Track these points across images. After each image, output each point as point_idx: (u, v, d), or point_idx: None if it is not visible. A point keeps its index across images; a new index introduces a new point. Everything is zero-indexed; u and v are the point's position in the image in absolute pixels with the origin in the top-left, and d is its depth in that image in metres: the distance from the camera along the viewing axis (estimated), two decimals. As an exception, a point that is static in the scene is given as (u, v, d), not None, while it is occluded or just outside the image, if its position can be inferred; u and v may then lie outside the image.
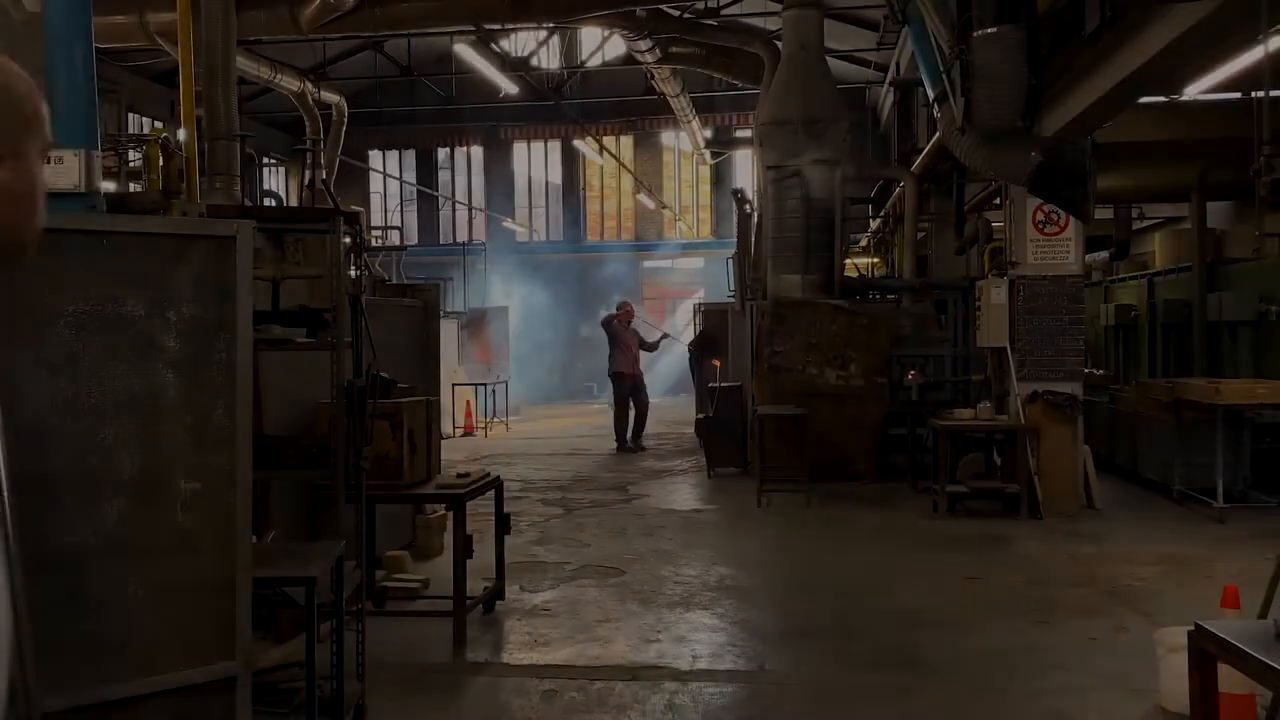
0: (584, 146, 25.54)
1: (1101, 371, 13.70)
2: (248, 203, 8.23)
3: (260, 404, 5.97)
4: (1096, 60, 6.98)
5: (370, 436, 4.66)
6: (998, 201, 14.15)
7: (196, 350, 2.94)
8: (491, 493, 6.59)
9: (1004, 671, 5.48)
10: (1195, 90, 9.63)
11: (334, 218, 4.23)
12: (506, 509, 6.80)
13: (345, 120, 20.05)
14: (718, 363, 13.52)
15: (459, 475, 6.40)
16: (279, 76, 17.11)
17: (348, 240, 5.20)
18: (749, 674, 5.55)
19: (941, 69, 7.07)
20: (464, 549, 5.85)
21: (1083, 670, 5.42)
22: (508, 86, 16.11)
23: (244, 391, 3.02)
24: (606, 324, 16.12)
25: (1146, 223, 18.23)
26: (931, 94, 7.83)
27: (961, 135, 7.37)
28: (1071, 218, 9.74)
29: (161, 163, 5.46)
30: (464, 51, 13.71)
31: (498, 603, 6.72)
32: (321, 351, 4.57)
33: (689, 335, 17.84)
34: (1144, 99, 10.30)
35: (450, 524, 6.61)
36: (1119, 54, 6.74)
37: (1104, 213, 10.58)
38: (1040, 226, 9.81)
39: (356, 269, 4.56)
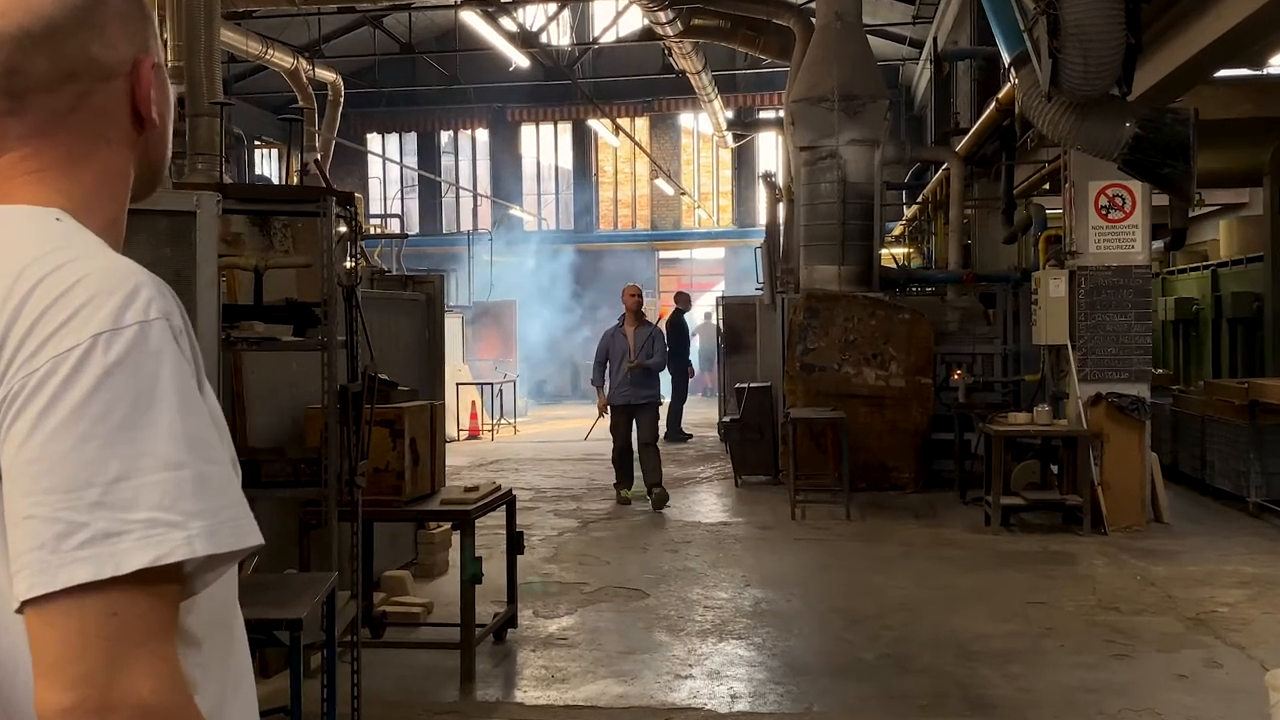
0: (598, 126, 25.15)
1: (1160, 370, 13.27)
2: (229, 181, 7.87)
3: (244, 412, 5.62)
4: (1184, 16, 6.56)
5: (367, 448, 4.29)
6: (1047, 186, 13.75)
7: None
8: (502, 507, 6.23)
9: (1085, 716, 5.07)
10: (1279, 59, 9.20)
11: (324, 198, 3.86)
12: (516, 522, 6.46)
13: (342, 100, 19.72)
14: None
15: (467, 489, 6.03)
16: (270, 52, 16.77)
17: (342, 226, 4.83)
18: (796, 717, 5.16)
19: (1023, 28, 6.64)
20: (474, 575, 5.47)
21: (1178, 715, 5.01)
22: (517, 58, 15.71)
23: (209, 400, 2.64)
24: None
25: (1203, 210, 17.77)
26: (1008, 57, 7.39)
27: (1047, 102, 6.93)
28: (1138, 202, 9.33)
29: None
30: (470, 20, 13.31)
31: (510, 630, 6.35)
32: (312, 352, 4.19)
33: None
34: (1215, 74, 9.88)
35: (456, 541, 6.24)
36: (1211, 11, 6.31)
37: (1157, 199, 10.15)
38: (1104, 212, 9.39)
39: (351, 258, 4.18)
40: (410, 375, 7.29)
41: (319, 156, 15.05)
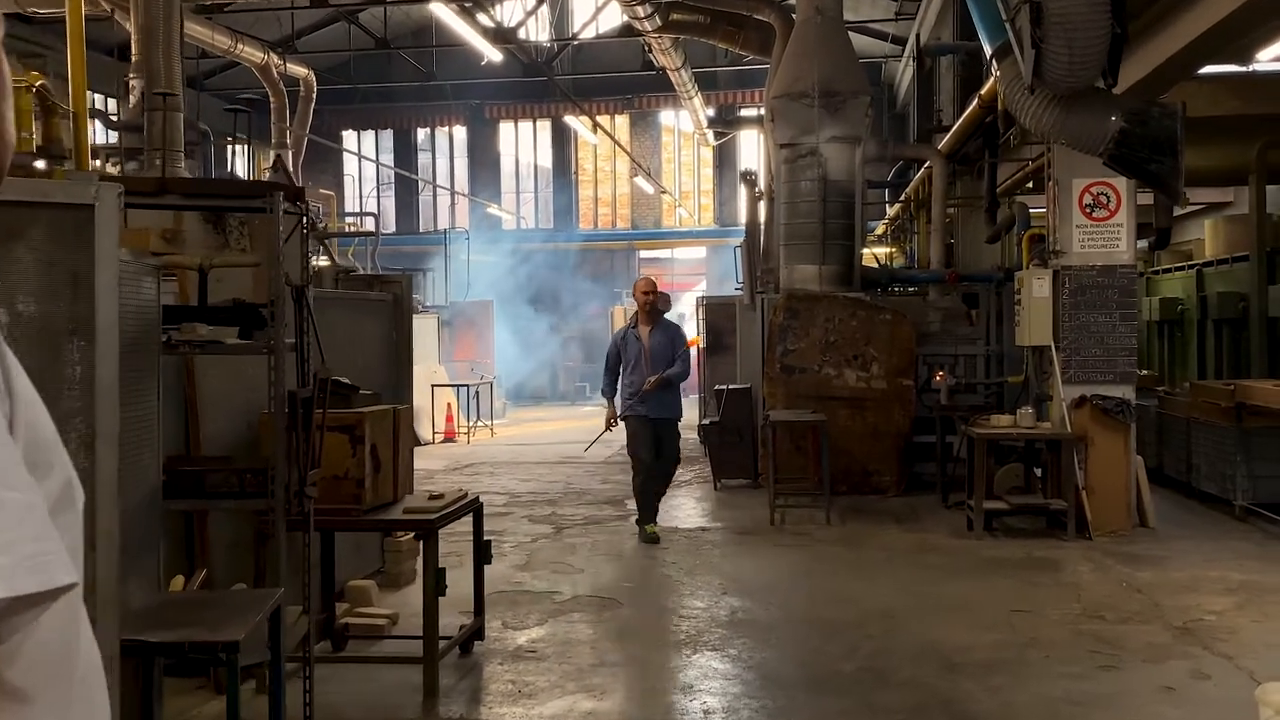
0: (576, 124, 24.98)
1: (1145, 372, 13.18)
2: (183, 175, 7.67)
3: (196, 419, 5.43)
4: (1171, 9, 6.43)
5: (318, 456, 4.11)
6: (1031, 185, 13.65)
7: (39, 362, 2.36)
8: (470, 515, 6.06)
9: (1070, 730, 4.94)
10: (1268, 54, 9.10)
11: (271, 193, 3.68)
12: (488, 528, 6.30)
13: (314, 96, 19.48)
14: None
15: (431, 497, 5.86)
16: (240, 47, 16.54)
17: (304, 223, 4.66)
18: (770, 734, 5.02)
19: (1005, 17, 6.49)
20: (437, 585, 5.30)
21: (1165, 730, 4.89)
22: (490, 53, 15.50)
23: (107, 418, 2.46)
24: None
25: (1188, 209, 17.71)
26: (989, 48, 7.24)
27: (1030, 95, 6.78)
28: (1123, 200, 9.23)
29: (38, 116, 4.83)
30: (442, 13, 13.12)
31: (476, 643, 6.18)
32: (258, 356, 4.01)
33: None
34: (1201, 70, 9.80)
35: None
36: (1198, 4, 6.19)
37: (1142, 198, 10.06)
38: (1088, 210, 9.29)
39: (304, 255, 4.00)
40: (375, 378, 7.11)
41: (279, 154, 14.82)
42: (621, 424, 9.40)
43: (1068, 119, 6.70)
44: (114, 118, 15.80)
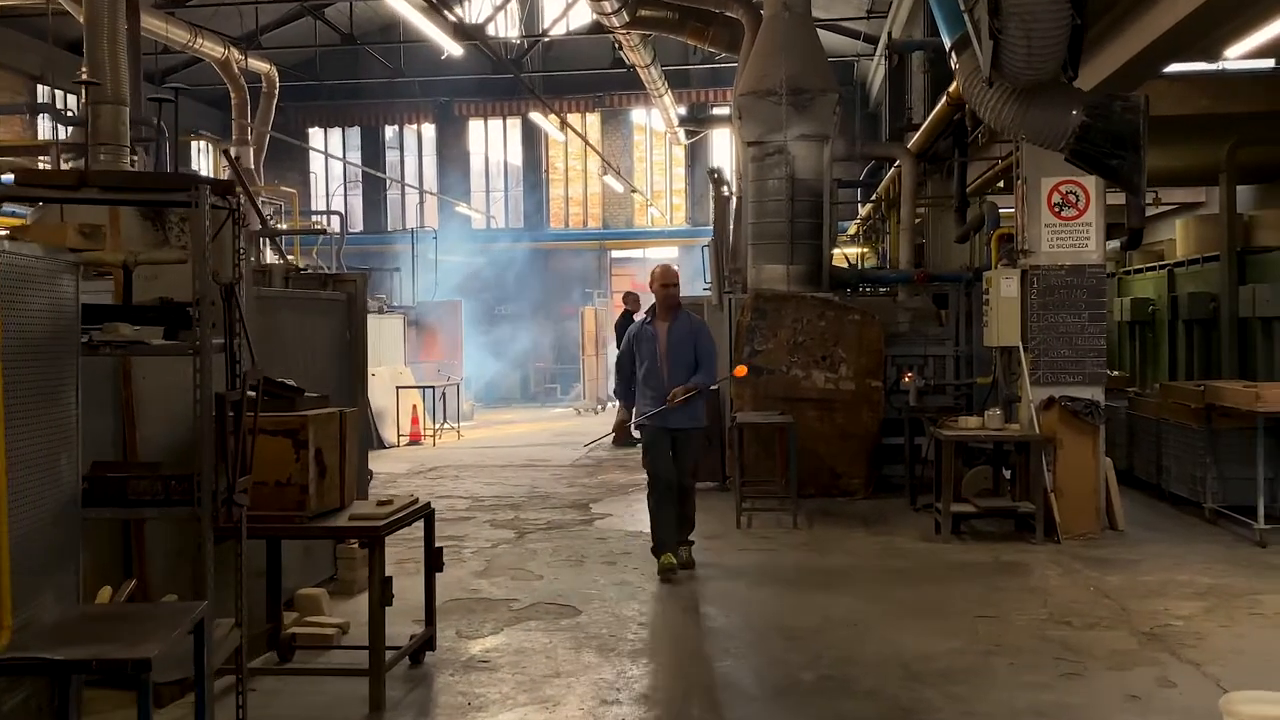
0: (545, 123, 24.80)
1: (1116, 373, 13.16)
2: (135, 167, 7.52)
3: (133, 423, 5.27)
4: (1136, 5, 6.36)
5: (249, 462, 3.96)
6: (1001, 184, 13.62)
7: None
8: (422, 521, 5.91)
9: (1032, 741, 4.85)
10: (1237, 51, 9.06)
11: (196, 187, 3.53)
12: (448, 533, 6.16)
13: (276, 92, 19.24)
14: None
15: (380, 503, 5.70)
16: (199, 41, 16.30)
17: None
18: (726, 746, 4.90)
19: (963, 8, 6.40)
20: (382, 595, 5.15)
21: (1128, 741, 4.80)
22: (451, 48, 15.28)
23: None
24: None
25: (1160, 209, 17.76)
26: (948, 41, 7.15)
27: (988, 88, 6.68)
28: (1092, 199, 9.18)
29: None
30: (400, 6, 12.92)
31: (428, 653, 6.03)
32: (184, 356, 3.85)
33: None
34: (1169, 67, 9.77)
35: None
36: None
37: (1114, 198, 10.03)
38: (1057, 209, 9.22)
39: (235, 251, 3.85)
40: (326, 380, 6.95)
41: (226, 149, 14.59)
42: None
43: (1028, 113, 6.61)
44: (71, 113, 15.59)
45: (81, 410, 4.12)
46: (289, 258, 14.66)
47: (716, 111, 26.29)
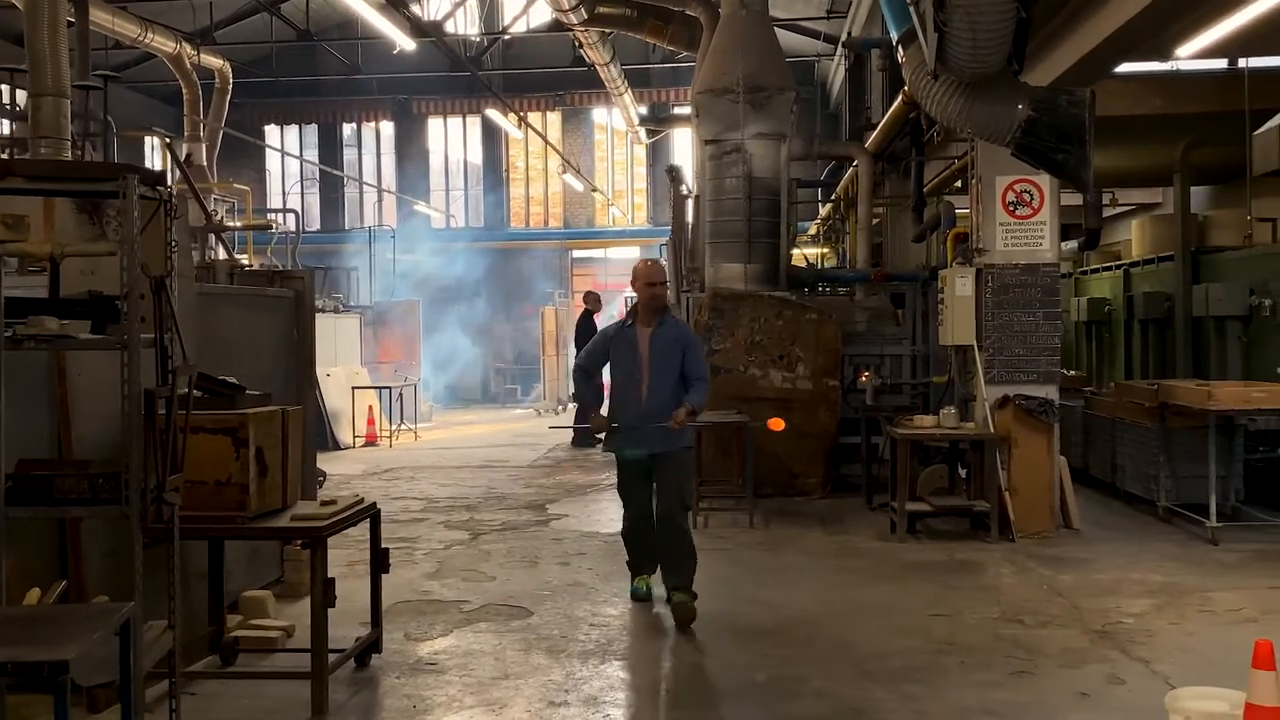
0: (504, 122, 24.68)
1: (1073, 372, 13.27)
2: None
3: (68, 420, 5.16)
4: (1086, 4, 6.39)
5: (181, 460, 3.88)
6: (960, 184, 13.69)
7: None
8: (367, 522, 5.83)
9: (982, 740, 4.85)
10: (1188, 51, 9.15)
11: (124, 176, 3.45)
12: (401, 534, 6.08)
13: (230, 88, 19.02)
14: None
15: (324, 503, 5.62)
16: (149, 35, 16.07)
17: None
18: (673, 748, 4.86)
19: (909, 1, 6.40)
20: (325, 597, 5.07)
21: (1076, 738, 4.81)
22: (404, 42, 15.12)
23: None
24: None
25: (1117, 210, 17.94)
26: (895, 34, 7.16)
27: (934, 82, 6.68)
28: (1046, 198, 9.23)
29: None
30: (356, 4, 12.80)
31: (375, 656, 5.95)
32: (112, 351, 3.76)
33: None
34: (1119, 69, 9.84)
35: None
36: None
37: (1071, 199, 10.12)
38: (1011, 208, 9.27)
39: (166, 244, 3.77)
40: (271, 378, 6.84)
41: (169, 141, 14.40)
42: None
43: (974, 106, 6.63)
44: (18, 108, 15.35)
45: (5, 406, 4.02)
46: (236, 256, 14.48)
47: (677, 111, 26.26)
